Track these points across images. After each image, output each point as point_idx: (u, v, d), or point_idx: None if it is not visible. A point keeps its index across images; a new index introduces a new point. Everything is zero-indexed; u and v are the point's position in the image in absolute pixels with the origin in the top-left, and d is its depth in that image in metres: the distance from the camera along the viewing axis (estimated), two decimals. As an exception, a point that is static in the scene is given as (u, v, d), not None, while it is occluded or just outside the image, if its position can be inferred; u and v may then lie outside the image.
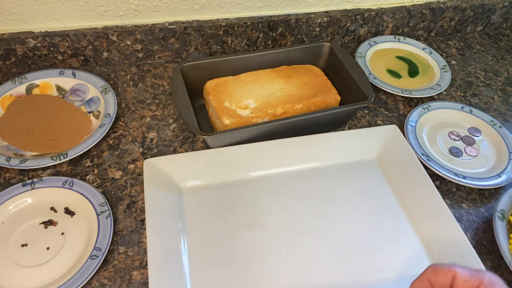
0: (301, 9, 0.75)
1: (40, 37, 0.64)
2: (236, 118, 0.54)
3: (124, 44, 0.69)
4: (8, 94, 0.63)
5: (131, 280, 0.46)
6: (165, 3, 0.67)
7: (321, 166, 0.57)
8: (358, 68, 0.62)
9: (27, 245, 0.48)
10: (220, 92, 0.57)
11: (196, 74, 0.62)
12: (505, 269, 0.50)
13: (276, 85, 0.58)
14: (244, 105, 0.55)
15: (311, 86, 0.59)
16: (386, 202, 0.54)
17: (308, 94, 0.58)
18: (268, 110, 0.55)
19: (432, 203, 0.51)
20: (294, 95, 0.57)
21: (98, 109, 0.63)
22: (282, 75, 0.60)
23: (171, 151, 0.59)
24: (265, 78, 0.59)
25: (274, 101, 0.56)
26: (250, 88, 0.57)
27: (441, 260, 0.47)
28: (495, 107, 0.71)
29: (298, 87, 0.59)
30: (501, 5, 0.84)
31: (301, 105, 0.57)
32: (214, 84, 0.58)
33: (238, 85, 0.58)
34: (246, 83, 0.58)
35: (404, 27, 0.82)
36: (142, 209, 0.52)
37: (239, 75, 0.60)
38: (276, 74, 0.60)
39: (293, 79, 0.60)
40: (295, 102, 0.56)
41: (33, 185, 0.52)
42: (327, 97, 0.58)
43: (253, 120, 0.55)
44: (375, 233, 0.50)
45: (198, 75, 0.62)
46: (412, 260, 0.48)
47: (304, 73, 0.61)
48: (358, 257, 0.48)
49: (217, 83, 0.58)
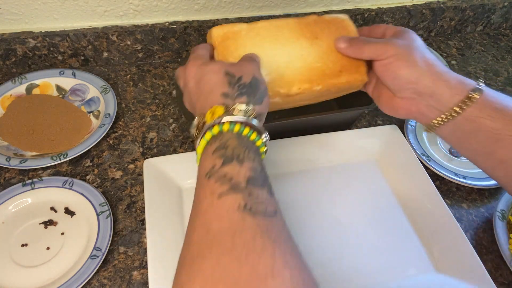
0: (301, 9, 0.75)
1: (40, 37, 0.64)
2: None
3: (124, 44, 0.69)
4: (8, 94, 0.63)
5: (131, 280, 0.46)
6: (165, 3, 0.67)
7: (321, 165, 0.57)
8: None
9: (27, 245, 0.48)
10: (228, 48, 0.45)
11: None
12: (505, 269, 0.50)
13: (298, 49, 0.46)
14: None
15: (338, 56, 0.47)
16: (386, 202, 0.54)
17: (333, 69, 0.47)
18: (281, 89, 0.45)
19: (432, 203, 0.51)
20: (316, 70, 0.46)
21: (98, 109, 0.63)
22: (308, 34, 0.48)
23: (171, 151, 0.59)
24: (287, 36, 0.47)
25: (290, 75, 0.45)
26: (265, 48, 0.45)
27: (442, 260, 0.47)
28: (495, 107, 0.71)
29: (323, 56, 0.47)
30: (501, 5, 0.83)
31: (321, 87, 0.46)
32: (222, 33, 0.45)
33: (251, 41, 0.46)
34: (262, 39, 0.46)
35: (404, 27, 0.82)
36: (142, 209, 0.52)
37: (254, 23, 0.47)
38: (300, 30, 0.48)
39: (320, 41, 0.48)
40: (315, 82, 0.46)
41: (33, 185, 0.52)
42: (353, 77, 0.47)
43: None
44: (375, 232, 0.50)
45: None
46: (412, 260, 0.48)
47: (333, 32, 0.48)
48: (357, 257, 0.48)
49: (227, 33, 0.45)
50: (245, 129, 0.33)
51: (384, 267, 0.47)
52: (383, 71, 0.42)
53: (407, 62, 0.41)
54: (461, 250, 0.46)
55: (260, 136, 0.34)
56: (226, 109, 0.34)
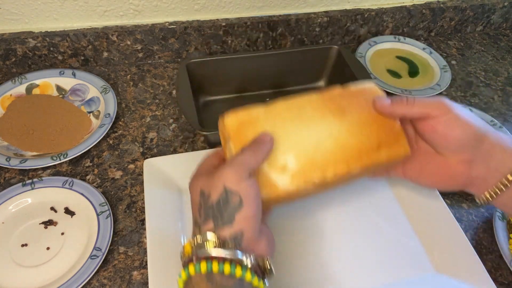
0: (301, 9, 0.75)
1: (40, 37, 0.64)
2: (270, 190, 0.37)
3: (124, 44, 0.69)
4: (8, 94, 0.63)
5: (131, 280, 0.46)
6: (165, 3, 0.67)
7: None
8: (365, 72, 0.62)
9: (27, 245, 0.48)
10: (245, 135, 0.38)
11: (202, 72, 0.62)
12: (505, 269, 0.50)
13: (326, 127, 0.40)
14: (281, 164, 0.38)
15: (373, 128, 0.41)
16: (385, 202, 0.53)
17: (369, 145, 0.40)
18: (314, 175, 0.38)
19: (432, 203, 0.51)
20: (350, 148, 0.40)
21: (98, 109, 0.63)
22: (333, 108, 0.41)
23: (171, 151, 0.59)
24: (310, 114, 0.41)
25: (322, 158, 0.39)
26: (289, 130, 0.39)
27: (442, 260, 0.47)
28: (495, 107, 0.71)
29: (356, 132, 0.40)
30: (501, 5, 0.84)
31: (359, 167, 0.40)
32: (237, 121, 0.39)
33: (271, 126, 0.39)
34: (283, 121, 0.40)
35: (404, 27, 0.82)
36: (142, 209, 0.52)
37: (272, 105, 0.41)
38: (325, 106, 0.41)
39: (349, 115, 0.41)
40: (352, 162, 0.39)
41: (33, 185, 0.52)
42: (394, 151, 0.41)
43: (293, 193, 0.38)
44: (375, 233, 0.50)
45: (203, 73, 0.63)
46: (412, 260, 0.48)
47: (362, 103, 0.42)
48: (358, 257, 0.48)
49: (242, 121, 0.39)
50: (213, 266, 0.29)
51: (384, 267, 0.47)
52: (440, 129, 0.37)
53: (467, 115, 0.36)
54: (461, 250, 0.46)
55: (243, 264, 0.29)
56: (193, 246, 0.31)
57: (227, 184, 0.32)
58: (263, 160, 0.35)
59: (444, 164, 0.39)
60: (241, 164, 0.33)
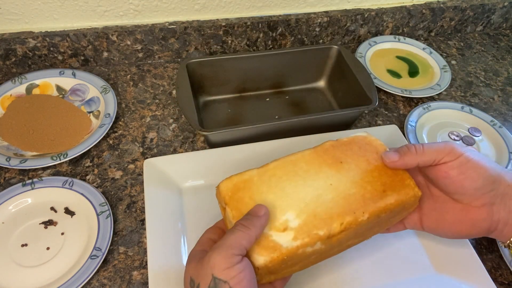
0: (301, 9, 0.75)
1: (40, 37, 0.64)
2: (274, 252, 0.35)
3: (124, 44, 0.69)
4: (8, 94, 0.63)
5: (131, 280, 0.46)
6: (165, 3, 0.67)
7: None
8: (365, 72, 0.62)
9: (27, 245, 0.48)
10: (241, 200, 0.38)
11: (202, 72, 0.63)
12: (505, 269, 0.50)
13: (323, 179, 0.39)
14: (281, 223, 0.36)
15: (374, 174, 0.40)
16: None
17: (373, 191, 0.39)
18: (319, 230, 0.36)
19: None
20: (353, 197, 0.38)
21: (98, 109, 0.63)
22: (329, 160, 0.41)
23: (171, 151, 0.59)
24: (306, 168, 0.40)
25: (325, 212, 0.37)
26: (285, 188, 0.38)
27: (442, 260, 0.47)
28: (495, 107, 0.71)
29: (356, 180, 0.39)
30: (501, 5, 0.84)
31: (367, 215, 0.37)
32: (232, 186, 0.39)
33: (267, 186, 0.39)
34: (279, 180, 0.39)
35: (404, 27, 0.82)
36: (142, 209, 0.52)
37: (265, 166, 0.40)
38: (319, 159, 0.41)
39: (346, 165, 0.40)
40: (358, 211, 0.37)
41: (33, 185, 0.52)
42: (402, 194, 0.39)
43: (299, 251, 0.36)
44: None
45: (203, 73, 0.63)
46: (412, 260, 0.48)
47: (359, 152, 0.42)
48: (357, 257, 0.48)
49: (237, 185, 0.39)
50: None
51: (384, 268, 0.47)
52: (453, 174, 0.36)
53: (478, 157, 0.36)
54: (461, 250, 0.46)
55: None
56: None
57: (215, 272, 0.31)
58: (257, 236, 0.34)
59: (464, 211, 0.37)
60: (230, 247, 0.32)
